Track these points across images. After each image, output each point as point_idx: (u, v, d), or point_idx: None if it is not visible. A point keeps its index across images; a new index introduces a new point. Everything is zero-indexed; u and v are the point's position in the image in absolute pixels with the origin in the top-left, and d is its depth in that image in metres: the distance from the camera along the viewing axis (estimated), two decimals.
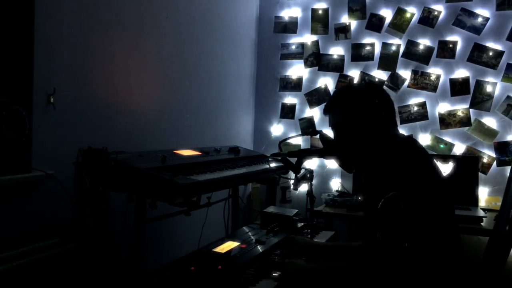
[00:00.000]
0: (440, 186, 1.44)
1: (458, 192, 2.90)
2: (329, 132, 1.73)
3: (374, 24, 3.41)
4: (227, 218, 2.46)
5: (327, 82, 3.53)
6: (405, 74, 3.33)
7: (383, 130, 1.51)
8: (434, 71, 3.27)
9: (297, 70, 3.63)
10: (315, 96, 3.57)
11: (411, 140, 1.63)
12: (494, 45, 3.13)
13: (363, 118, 1.50)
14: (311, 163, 3.37)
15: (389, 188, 1.36)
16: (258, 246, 1.89)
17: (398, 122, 1.66)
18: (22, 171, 1.66)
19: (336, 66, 3.51)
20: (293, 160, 1.88)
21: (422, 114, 3.28)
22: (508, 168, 2.93)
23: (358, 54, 3.45)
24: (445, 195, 1.43)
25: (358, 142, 1.53)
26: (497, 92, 3.12)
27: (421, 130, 3.30)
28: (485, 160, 3.12)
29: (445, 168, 2.94)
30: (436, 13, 3.27)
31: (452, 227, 1.44)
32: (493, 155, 3.12)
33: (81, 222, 1.65)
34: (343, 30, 3.49)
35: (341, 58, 3.49)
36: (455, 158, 3.03)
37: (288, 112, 3.65)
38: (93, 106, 2.03)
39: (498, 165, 3.11)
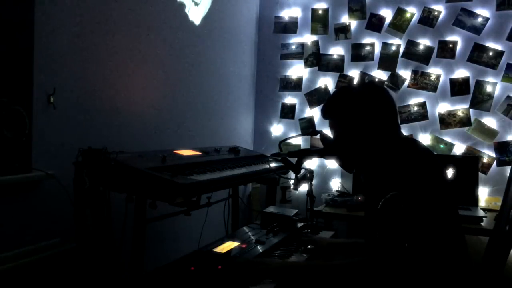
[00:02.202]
0: (441, 187, 1.44)
1: (458, 192, 2.90)
2: (329, 132, 1.73)
3: (374, 24, 3.41)
4: (227, 218, 2.46)
5: (327, 82, 3.53)
6: (405, 74, 3.33)
7: (382, 130, 1.50)
8: (434, 71, 3.27)
9: (297, 70, 3.63)
10: (315, 96, 3.57)
11: (412, 140, 1.62)
12: (494, 45, 3.13)
13: (360, 120, 1.49)
14: (311, 163, 3.37)
15: (389, 188, 1.35)
16: (258, 246, 1.89)
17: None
18: (22, 171, 1.66)
19: (336, 66, 3.51)
20: (293, 160, 1.88)
21: (422, 114, 3.28)
22: (508, 168, 2.93)
23: (358, 54, 3.45)
24: (446, 195, 1.43)
25: (357, 143, 1.52)
26: (497, 92, 3.12)
27: (421, 130, 3.29)
28: (485, 160, 3.12)
29: (445, 168, 2.93)
30: (436, 13, 3.27)
31: (454, 227, 1.44)
32: (493, 155, 3.12)
33: (81, 222, 1.65)
34: (343, 30, 3.49)
35: (341, 58, 3.49)
36: (455, 158, 3.02)
37: (288, 112, 3.65)
38: (93, 106, 2.03)
39: (498, 165, 3.11)
